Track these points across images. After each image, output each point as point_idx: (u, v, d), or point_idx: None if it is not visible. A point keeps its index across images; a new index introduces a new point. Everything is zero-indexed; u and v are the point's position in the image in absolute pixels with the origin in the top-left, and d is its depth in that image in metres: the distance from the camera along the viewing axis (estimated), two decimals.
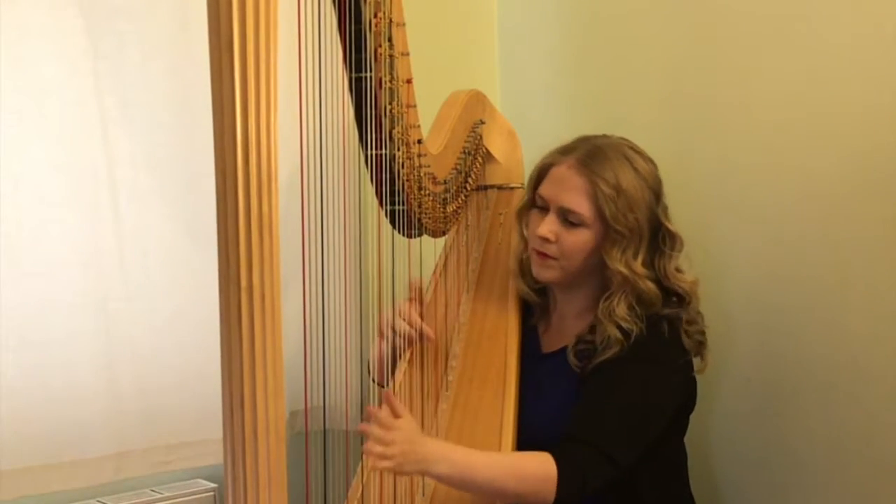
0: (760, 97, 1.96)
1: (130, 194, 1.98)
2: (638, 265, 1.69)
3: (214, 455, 2.06)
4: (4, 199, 1.84)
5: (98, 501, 1.97)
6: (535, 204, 1.78)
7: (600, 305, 1.71)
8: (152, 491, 2.02)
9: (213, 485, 2.05)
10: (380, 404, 1.52)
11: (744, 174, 2.00)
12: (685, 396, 1.74)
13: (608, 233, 1.70)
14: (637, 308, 1.69)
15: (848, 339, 1.82)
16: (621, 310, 1.68)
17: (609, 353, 1.67)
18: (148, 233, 2.00)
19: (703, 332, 1.75)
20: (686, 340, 1.71)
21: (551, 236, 1.72)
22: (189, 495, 2.02)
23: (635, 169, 1.72)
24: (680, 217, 1.80)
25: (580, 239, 1.71)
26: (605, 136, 1.78)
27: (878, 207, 1.76)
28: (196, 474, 2.09)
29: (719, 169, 2.05)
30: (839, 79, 1.81)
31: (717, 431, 2.06)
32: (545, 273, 1.76)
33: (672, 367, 1.69)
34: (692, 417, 1.82)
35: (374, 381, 1.86)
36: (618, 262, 1.69)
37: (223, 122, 1.09)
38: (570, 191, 1.71)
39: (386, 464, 1.46)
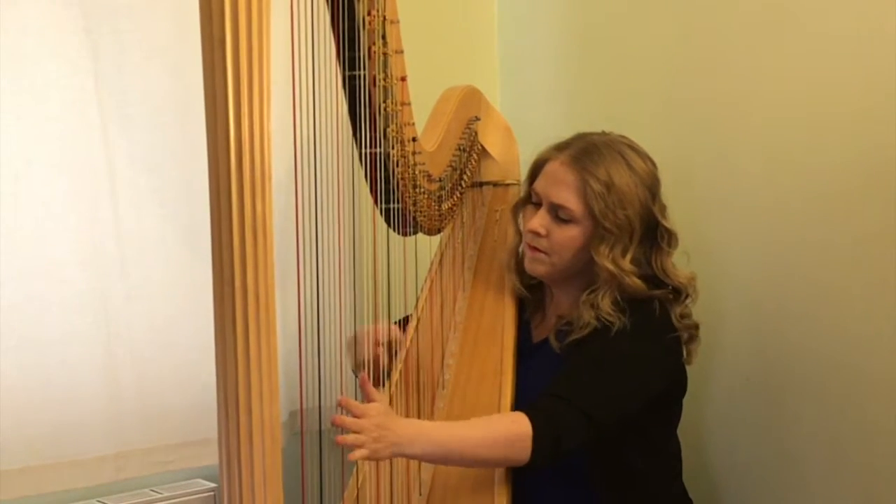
0: (759, 97, 1.95)
1: (130, 194, 1.98)
2: (626, 262, 1.70)
3: (214, 455, 2.03)
4: (4, 200, 1.85)
5: (98, 501, 1.97)
6: (530, 199, 1.80)
7: (583, 296, 1.72)
8: (152, 491, 2.02)
9: (213, 485, 2.05)
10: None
11: (743, 174, 2.00)
12: (672, 378, 1.74)
13: (597, 229, 1.71)
14: (621, 302, 1.70)
15: (847, 339, 1.81)
16: (605, 304, 1.69)
17: (583, 333, 1.68)
18: (148, 233, 2.00)
19: (696, 327, 1.76)
20: (677, 323, 1.72)
21: (542, 230, 1.74)
22: (189, 495, 2.02)
23: (630, 166, 1.72)
24: (678, 217, 1.80)
25: (569, 235, 1.73)
26: (604, 133, 1.79)
27: (878, 207, 1.75)
28: (196, 474, 2.09)
29: (718, 169, 2.04)
30: (838, 78, 1.81)
31: (715, 431, 2.06)
32: (536, 267, 1.78)
33: (659, 345, 1.70)
34: (690, 416, 1.82)
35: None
36: (605, 259, 1.70)
37: (216, 123, 1.09)
38: (561, 187, 1.73)
39: (360, 452, 1.44)
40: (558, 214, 1.73)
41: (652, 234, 1.74)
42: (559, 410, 1.56)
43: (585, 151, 1.73)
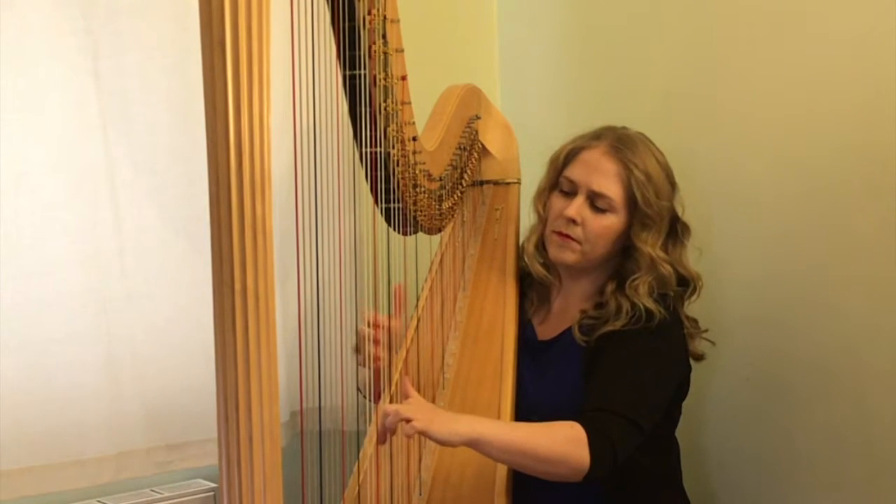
0: (759, 96, 1.96)
1: (130, 194, 1.97)
2: (659, 249, 1.74)
3: (215, 455, 2.03)
4: (4, 199, 1.84)
5: (98, 501, 1.96)
6: (556, 186, 1.80)
7: (628, 285, 1.73)
8: (152, 491, 2.02)
9: (213, 485, 2.05)
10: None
11: (743, 173, 2.00)
12: (685, 372, 1.76)
13: (637, 218, 1.73)
14: (655, 290, 1.72)
15: (848, 337, 1.81)
16: (643, 291, 1.71)
17: (616, 324, 1.69)
18: (148, 233, 2.00)
19: (695, 320, 1.79)
20: (684, 321, 1.77)
21: (578, 218, 1.75)
22: (189, 495, 2.02)
23: (657, 159, 1.76)
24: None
25: (605, 224, 1.74)
26: (624, 127, 1.81)
27: (879, 205, 1.75)
28: (196, 474, 2.09)
29: (718, 167, 2.05)
30: (838, 77, 1.81)
31: (715, 430, 2.06)
32: (565, 255, 1.78)
33: (677, 338, 1.73)
34: (691, 415, 1.82)
35: (365, 397, 1.85)
36: (647, 245, 1.73)
37: (216, 123, 1.08)
38: (603, 175, 1.74)
39: (417, 423, 1.42)
40: (596, 203, 1.74)
41: (673, 225, 1.77)
42: (613, 425, 1.57)
43: (622, 142, 1.76)
